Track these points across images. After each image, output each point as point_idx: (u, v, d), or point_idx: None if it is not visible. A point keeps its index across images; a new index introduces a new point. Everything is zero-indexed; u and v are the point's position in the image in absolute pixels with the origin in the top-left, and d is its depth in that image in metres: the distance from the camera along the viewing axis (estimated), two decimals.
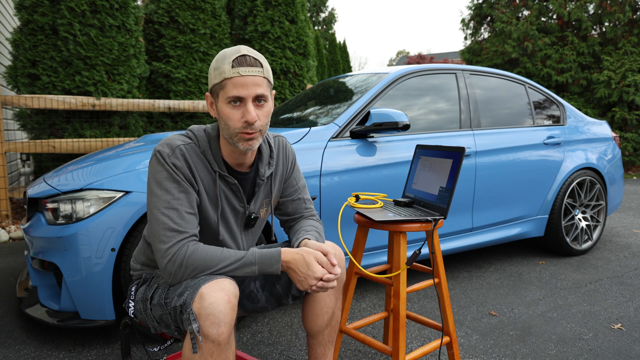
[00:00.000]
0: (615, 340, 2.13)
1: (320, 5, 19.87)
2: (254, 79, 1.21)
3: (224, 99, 1.22)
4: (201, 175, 1.29)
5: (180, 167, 1.24)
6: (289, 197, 1.52)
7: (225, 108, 1.22)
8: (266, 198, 1.45)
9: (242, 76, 1.19)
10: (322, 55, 12.25)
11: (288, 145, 1.51)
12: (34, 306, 2.07)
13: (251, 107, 1.21)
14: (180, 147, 1.25)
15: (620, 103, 8.79)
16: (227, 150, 1.32)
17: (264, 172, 1.39)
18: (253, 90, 1.21)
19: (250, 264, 1.23)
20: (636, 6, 9.06)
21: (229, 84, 1.20)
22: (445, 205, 1.59)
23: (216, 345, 1.10)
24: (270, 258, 1.25)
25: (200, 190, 1.29)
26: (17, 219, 4.64)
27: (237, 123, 1.22)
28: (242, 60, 1.20)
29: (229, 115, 1.22)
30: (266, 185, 1.43)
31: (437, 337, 2.15)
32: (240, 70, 1.19)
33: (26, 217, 2.26)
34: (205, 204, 1.30)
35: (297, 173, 1.54)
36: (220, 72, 1.21)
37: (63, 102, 4.40)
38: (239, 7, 6.14)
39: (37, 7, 4.40)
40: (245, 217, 1.40)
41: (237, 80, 1.19)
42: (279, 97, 6.00)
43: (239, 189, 1.34)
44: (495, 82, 3.29)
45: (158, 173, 1.23)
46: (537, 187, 3.22)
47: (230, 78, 1.20)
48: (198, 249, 1.21)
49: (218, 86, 1.22)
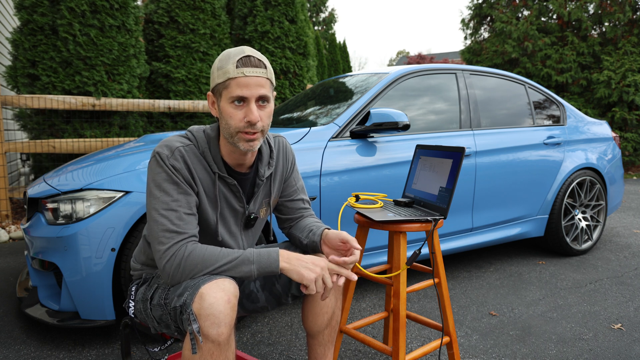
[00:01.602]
0: (615, 340, 2.13)
1: (320, 5, 19.87)
2: (257, 79, 1.22)
3: (227, 99, 1.22)
4: (200, 177, 1.29)
5: (179, 168, 1.24)
6: (289, 197, 1.52)
7: (227, 107, 1.23)
8: (265, 198, 1.45)
9: (246, 76, 1.20)
10: (322, 55, 12.25)
11: (288, 146, 1.52)
12: (34, 306, 2.07)
13: (254, 107, 1.22)
14: (179, 149, 1.25)
15: (620, 103, 8.79)
16: (226, 150, 1.32)
17: (264, 173, 1.39)
18: (256, 91, 1.22)
19: (248, 262, 1.22)
20: (636, 6, 9.06)
21: (233, 84, 1.21)
22: (445, 205, 1.59)
23: (216, 345, 1.10)
24: (269, 257, 1.24)
25: (200, 192, 1.29)
26: (17, 219, 4.64)
27: (239, 123, 1.22)
28: (246, 60, 1.21)
29: (232, 114, 1.22)
30: (265, 185, 1.43)
31: (437, 337, 2.15)
32: (244, 70, 1.20)
33: (26, 217, 2.26)
34: (204, 205, 1.31)
35: (296, 174, 1.54)
36: (224, 71, 1.21)
37: (63, 102, 4.40)
38: (239, 7, 6.14)
39: (37, 7, 4.40)
40: (244, 218, 1.40)
41: (241, 81, 1.20)
42: (279, 97, 6.00)
43: (238, 189, 1.34)
44: (495, 82, 3.29)
45: (157, 175, 1.23)
46: (537, 187, 3.22)
47: (234, 78, 1.20)
48: (196, 249, 1.20)
49: (221, 85, 1.23)
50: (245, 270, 1.22)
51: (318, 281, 1.24)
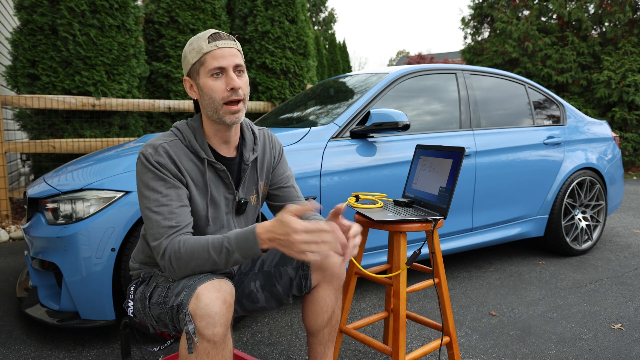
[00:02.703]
0: (615, 340, 2.13)
1: (320, 5, 19.87)
2: (230, 50, 1.28)
3: (206, 73, 1.27)
4: (187, 169, 1.31)
5: (165, 164, 1.26)
6: (280, 185, 1.54)
7: (208, 81, 1.27)
8: (254, 185, 1.46)
9: (220, 48, 1.26)
10: (322, 55, 12.25)
11: (274, 137, 1.56)
12: (34, 306, 2.07)
13: (233, 74, 1.27)
14: (163, 145, 1.28)
15: (620, 103, 8.79)
16: (211, 131, 1.34)
17: (249, 157, 1.41)
18: (232, 60, 1.27)
19: (230, 252, 1.16)
20: (636, 6, 9.06)
21: (209, 58, 1.26)
22: (445, 205, 1.59)
23: (212, 345, 1.11)
24: (246, 239, 1.15)
25: (189, 184, 1.31)
26: (17, 219, 4.64)
27: (222, 93, 1.27)
28: (216, 35, 1.28)
29: (213, 87, 1.27)
30: (252, 170, 1.45)
31: (437, 337, 2.15)
32: (217, 43, 1.26)
33: (26, 217, 2.26)
34: (195, 196, 1.32)
35: (284, 164, 1.56)
36: (198, 49, 1.27)
37: (63, 102, 4.40)
38: (239, 7, 6.14)
39: (37, 7, 4.40)
40: (235, 204, 1.42)
41: (216, 53, 1.26)
42: (279, 97, 6.00)
43: (227, 174, 1.36)
44: (495, 82, 3.29)
45: (144, 175, 1.25)
46: (537, 187, 3.22)
47: (209, 52, 1.26)
48: (183, 241, 1.20)
49: (198, 63, 1.28)
50: (232, 261, 1.17)
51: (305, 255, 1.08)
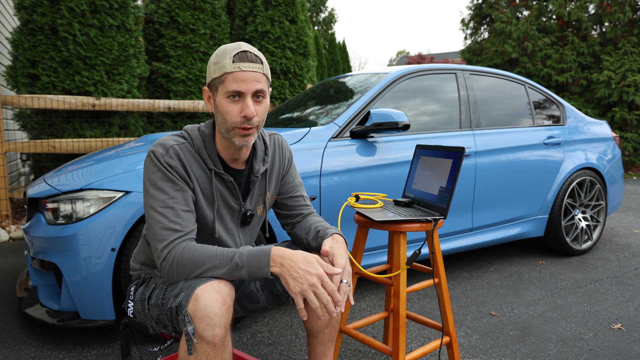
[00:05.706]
0: (615, 340, 2.13)
1: (320, 5, 19.87)
2: (254, 74, 1.22)
3: (223, 93, 1.22)
4: (196, 174, 1.29)
5: (175, 166, 1.24)
6: (288, 194, 1.52)
7: (224, 102, 1.23)
8: (262, 195, 1.45)
9: (242, 71, 1.20)
10: (322, 55, 12.25)
11: (284, 143, 1.51)
12: (34, 306, 2.07)
13: (250, 102, 1.22)
14: (174, 147, 1.26)
15: (620, 103, 8.79)
16: (222, 145, 1.32)
17: (259, 169, 1.39)
18: (252, 86, 1.21)
19: (238, 267, 1.17)
20: (636, 6, 9.06)
21: (229, 79, 1.20)
22: (445, 205, 1.59)
23: (211, 346, 1.10)
24: (259, 260, 1.17)
25: (196, 189, 1.29)
26: (17, 219, 4.64)
27: (235, 117, 1.22)
28: (243, 55, 1.21)
29: (227, 109, 1.22)
30: (261, 182, 1.43)
31: (437, 337, 2.15)
32: (241, 65, 1.20)
33: (26, 217, 2.26)
34: (201, 203, 1.31)
35: (293, 170, 1.54)
36: (221, 66, 1.21)
37: (63, 102, 4.40)
38: (239, 7, 6.15)
39: (37, 7, 4.40)
40: (241, 215, 1.40)
41: (238, 75, 1.20)
42: (279, 97, 6.00)
43: (234, 186, 1.34)
44: (495, 82, 3.29)
45: (152, 173, 1.23)
46: (537, 187, 3.22)
47: (230, 72, 1.20)
48: (189, 247, 1.19)
49: (218, 80, 1.23)
50: (237, 276, 1.18)
51: (308, 294, 1.14)
